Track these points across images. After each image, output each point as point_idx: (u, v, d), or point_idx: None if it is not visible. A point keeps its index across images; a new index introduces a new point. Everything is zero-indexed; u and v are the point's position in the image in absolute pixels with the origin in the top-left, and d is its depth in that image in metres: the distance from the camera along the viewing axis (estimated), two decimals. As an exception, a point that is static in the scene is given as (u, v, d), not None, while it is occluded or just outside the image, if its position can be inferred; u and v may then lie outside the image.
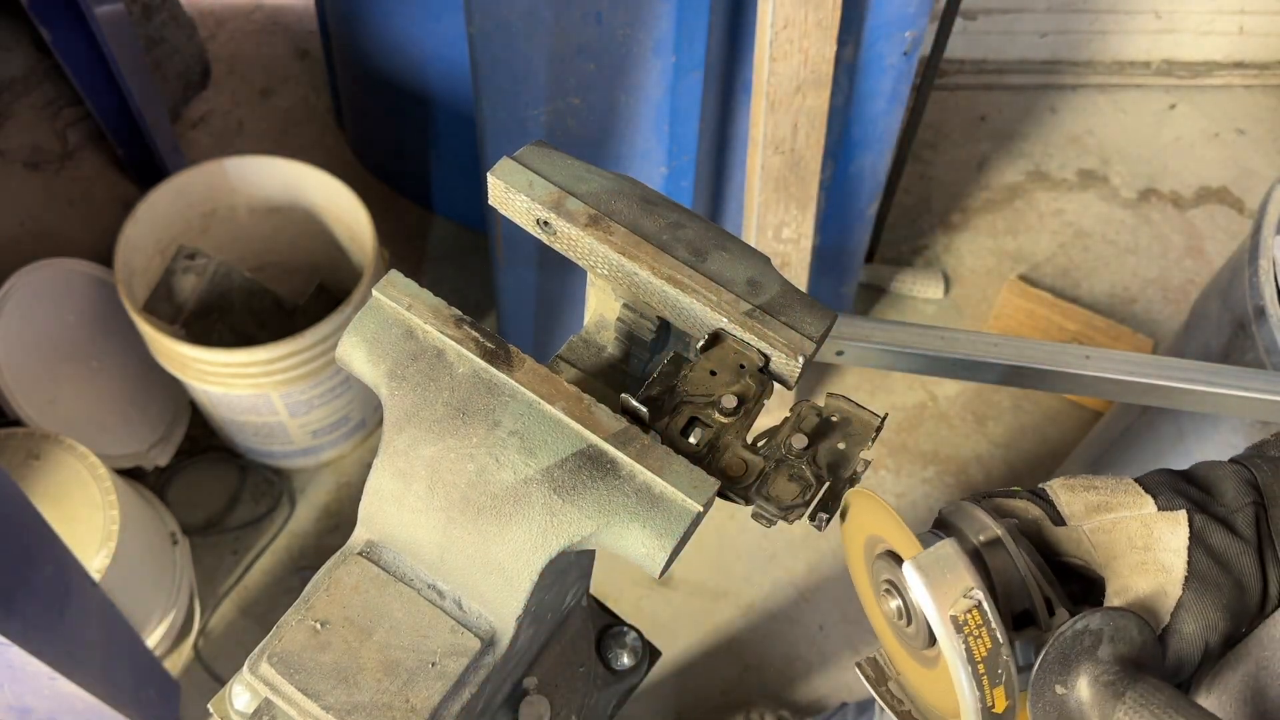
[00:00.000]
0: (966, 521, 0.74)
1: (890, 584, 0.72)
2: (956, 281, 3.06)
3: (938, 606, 0.68)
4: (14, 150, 2.64)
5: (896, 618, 0.73)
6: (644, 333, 0.85)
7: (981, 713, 0.68)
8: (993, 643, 0.68)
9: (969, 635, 0.67)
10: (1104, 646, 0.69)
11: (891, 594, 0.73)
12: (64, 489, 2.06)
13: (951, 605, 0.67)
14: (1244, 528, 0.75)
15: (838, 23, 1.79)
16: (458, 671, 0.72)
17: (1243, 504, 0.76)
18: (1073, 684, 0.68)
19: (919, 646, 0.72)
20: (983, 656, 0.67)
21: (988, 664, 0.67)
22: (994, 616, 0.68)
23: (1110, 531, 0.76)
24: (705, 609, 2.51)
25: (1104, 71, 3.48)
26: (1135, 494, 0.77)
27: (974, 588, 0.68)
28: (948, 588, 0.68)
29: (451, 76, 2.53)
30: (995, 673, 0.68)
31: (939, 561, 0.69)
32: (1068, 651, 0.69)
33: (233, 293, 2.53)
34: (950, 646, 0.67)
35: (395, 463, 0.73)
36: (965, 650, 0.67)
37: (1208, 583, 0.72)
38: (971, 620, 0.68)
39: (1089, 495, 0.78)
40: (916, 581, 0.69)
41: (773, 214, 2.09)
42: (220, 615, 2.46)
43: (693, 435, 0.76)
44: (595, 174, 0.84)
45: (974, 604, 0.68)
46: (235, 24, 3.40)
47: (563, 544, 0.70)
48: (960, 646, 0.67)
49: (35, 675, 1.50)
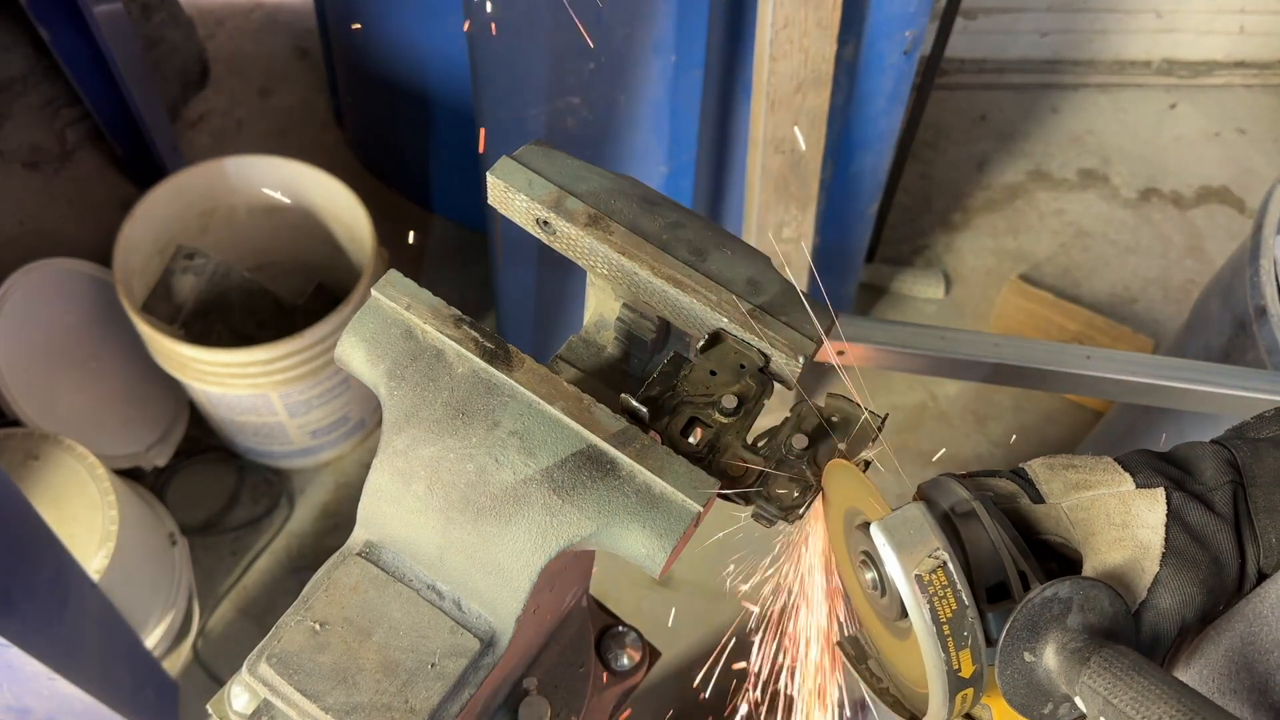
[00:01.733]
0: (942, 493, 0.74)
1: (867, 555, 0.72)
2: (957, 281, 3.06)
3: (902, 565, 0.67)
4: (13, 150, 2.64)
5: (871, 588, 0.72)
6: (644, 333, 0.85)
7: (947, 675, 0.67)
8: (958, 604, 0.67)
9: (934, 595, 0.67)
10: (1073, 615, 0.68)
11: (867, 565, 0.72)
12: (63, 489, 2.05)
13: (916, 565, 0.67)
14: (1222, 506, 0.74)
15: (838, 22, 1.78)
16: (457, 672, 0.72)
17: (1221, 482, 0.75)
18: (1040, 651, 0.68)
19: (893, 618, 0.71)
20: (948, 618, 0.66)
21: (953, 625, 0.66)
22: (959, 578, 0.67)
23: (1088, 509, 0.76)
24: (705, 609, 2.50)
25: (1104, 71, 3.47)
26: (1114, 472, 0.77)
27: (939, 548, 0.67)
28: (914, 548, 0.67)
29: (451, 76, 2.53)
30: (961, 635, 0.67)
31: (905, 523, 0.68)
32: (1036, 619, 0.68)
33: (231, 293, 2.53)
34: (914, 606, 0.67)
35: (394, 463, 0.72)
36: (930, 610, 0.66)
37: (1185, 559, 0.72)
38: (936, 580, 0.67)
39: (1068, 474, 0.78)
40: (882, 541, 0.68)
41: (773, 214, 2.09)
42: (219, 616, 2.46)
43: (693, 435, 0.76)
44: (595, 174, 0.83)
45: (939, 564, 0.67)
46: (234, 23, 3.40)
47: (562, 544, 0.70)
48: (925, 606, 0.66)
49: (34, 675, 1.49)
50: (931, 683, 0.68)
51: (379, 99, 2.80)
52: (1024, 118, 3.39)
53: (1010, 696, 0.68)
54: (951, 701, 0.68)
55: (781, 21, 1.75)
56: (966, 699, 0.69)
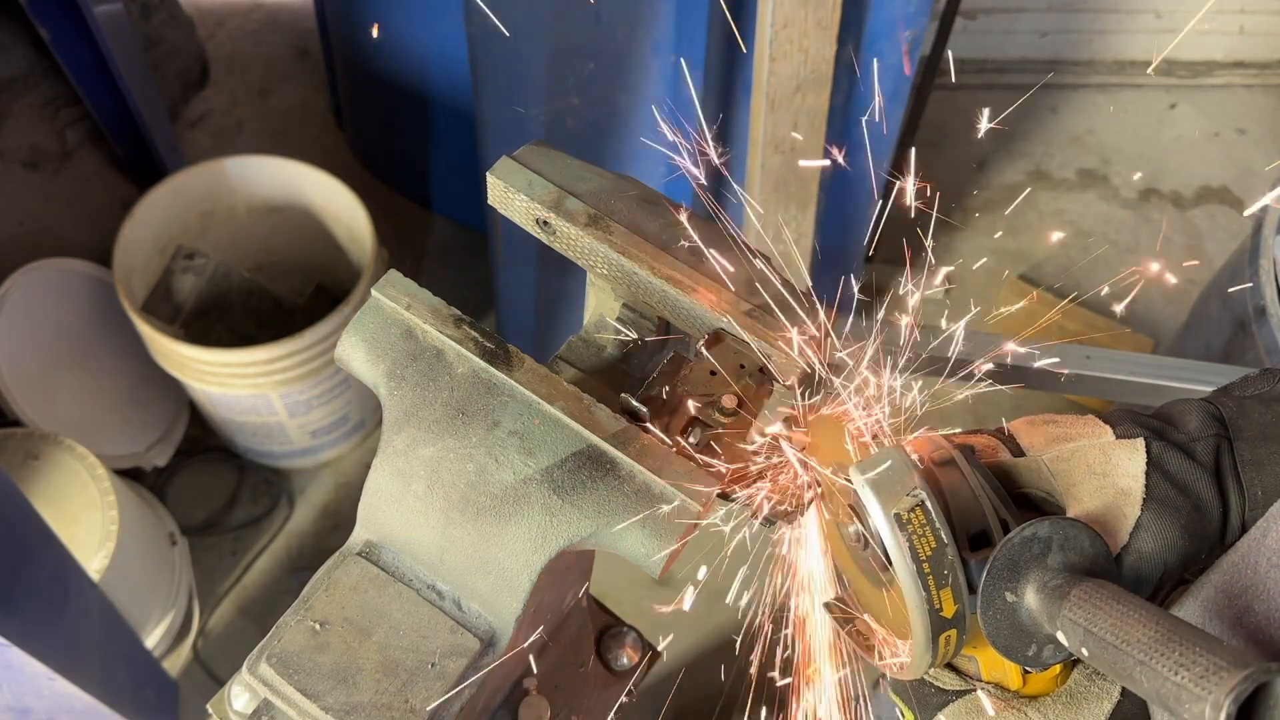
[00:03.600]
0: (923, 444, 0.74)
1: (851, 509, 0.72)
2: (957, 281, 3.06)
3: (880, 504, 0.67)
4: (13, 150, 2.64)
5: (854, 540, 0.72)
6: (644, 333, 0.85)
7: (929, 614, 0.67)
8: (937, 543, 0.67)
9: (913, 534, 0.66)
10: (1054, 554, 0.68)
11: (852, 519, 0.72)
12: (63, 489, 2.05)
13: (895, 504, 0.67)
14: (1203, 455, 0.75)
15: (838, 22, 1.78)
16: (457, 672, 0.72)
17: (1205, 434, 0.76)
18: (1022, 591, 0.68)
19: (878, 568, 0.71)
20: (927, 555, 0.66)
21: (933, 564, 0.66)
22: (938, 517, 0.67)
23: (1069, 460, 0.76)
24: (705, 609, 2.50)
25: (1104, 71, 3.47)
26: (1094, 425, 0.77)
27: (916, 488, 0.67)
28: (891, 487, 0.67)
29: (451, 76, 2.53)
30: (941, 573, 0.66)
31: (882, 463, 0.69)
32: (1016, 558, 0.68)
33: (231, 293, 2.53)
34: (893, 544, 0.66)
35: (394, 463, 0.72)
36: (909, 548, 0.66)
37: (1166, 504, 0.72)
38: (915, 519, 0.67)
39: (1048, 428, 0.79)
40: (860, 482, 0.68)
41: (773, 214, 2.09)
42: (219, 615, 2.46)
43: (693, 435, 0.76)
44: (595, 174, 0.83)
45: (916, 502, 0.67)
46: (234, 23, 3.40)
47: (562, 544, 0.70)
48: (904, 543, 0.66)
49: (34, 675, 1.49)
50: (914, 622, 0.68)
51: (379, 99, 2.80)
52: (1023, 118, 3.39)
53: (994, 638, 0.68)
54: (935, 643, 0.68)
55: (781, 22, 1.75)
56: (950, 642, 0.69)
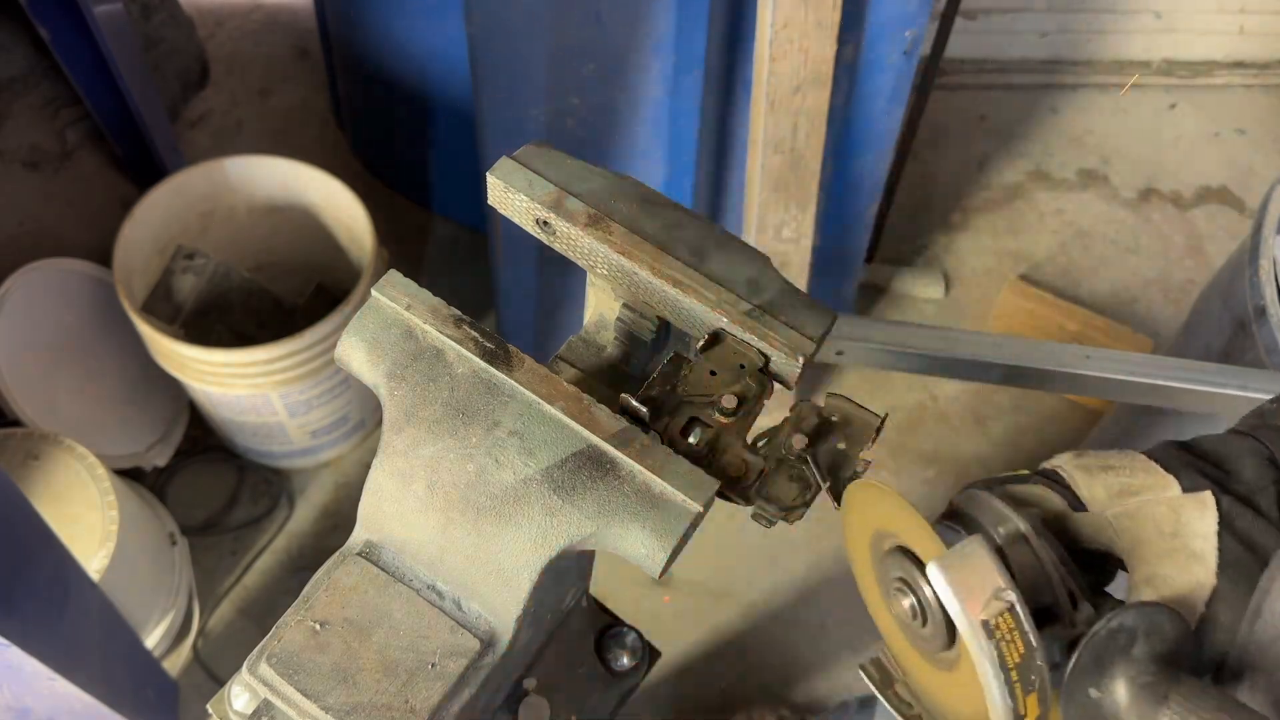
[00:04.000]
0: (984, 513, 0.71)
1: (903, 582, 0.68)
2: (956, 281, 3.06)
3: (967, 611, 0.63)
4: (13, 150, 2.64)
5: (911, 618, 0.69)
6: (644, 333, 0.85)
7: None
8: (1026, 648, 0.64)
9: (1001, 640, 0.63)
10: (1139, 645, 0.65)
11: (904, 592, 0.69)
12: (63, 489, 2.05)
13: (982, 609, 0.63)
14: (1268, 508, 0.71)
15: (838, 22, 1.78)
16: (457, 672, 0.72)
17: (1266, 483, 0.72)
18: (1108, 687, 0.65)
19: (935, 649, 0.68)
20: (1015, 663, 0.63)
21: (1020, 671, 0.63)
22: (1028, 621, 0.64)
23: (1134, 516, 0.72)
24: (705, 609, 2.50)
25: (1104, 71, 3.47)
26: (1157, 474, 0.74)
27: (1005, 589, 0.64)
28: (977, 590, 0.64)
29: (451, 76, 2.53)
30: (1029, 679, 0.64)
31: (966, 561, 0.64)
32: (1102, 653, 0.65)
33: (232, 293, 2.53)
34: (983, 653, 0.63)
35: (394, 463, 0.73)
36: (998, 656, 0.63)
37: (1241, 569, 0.69)
38: (1004, 624, 0.63)
39: (1108, 477, 0.75)
40: (943, 584, 0.64)
41: (773, 214, 2.09)
42: (219, 616, 2.46)
43: (693, 435, 0.76)
44: (595, 174, 0.83)
45: (1006, 606, 0.63)
46: (234, 23, 3.40)
47: (562, 544, 0.70)
48: (993, 653, 0.63)
49: (34, 676, 1.49)
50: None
51: (379, 99, 2.80)
52: (1023, 118, 3.39)
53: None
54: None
55: (781, 22, 1.75)
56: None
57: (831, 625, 2.50)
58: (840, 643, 2.48)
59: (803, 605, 2.52)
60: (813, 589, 2.54)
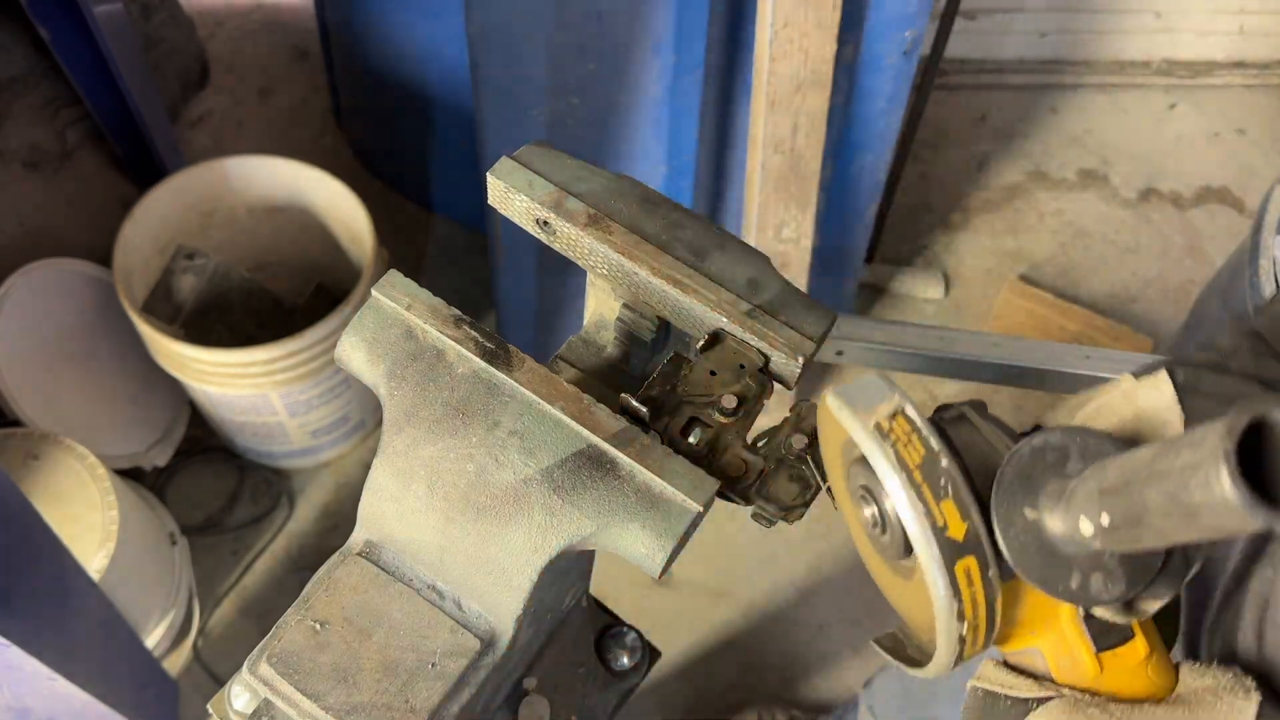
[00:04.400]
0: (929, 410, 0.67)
1: (866, 490, 0.64)
2: (956, 281, 3.06)
3: (860, 420, 0.59)
4: (13, 150, 2.64)
5: (872, 525, 0.65)
6: (644, 333, 0.85)
7: (933, 532, 0.58)
8: (926, 450, 0.58)
9: (897, 442, 0.58)
10: (1073, 463, 0.59)
11: (867, 500, 0.64)
12: (63, 489, 2.05)
13: (874, 417, 0.59)
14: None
15: (838, 22, 1.78)
16: (457, 672, 0.72)
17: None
18: (1043, 505, 0.59)
19: (895, 556, 0.64)
20: (917, 464, 0.58)
21: (925, 473, 0.58)
22: (924, 425, 0.59)
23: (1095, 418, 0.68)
24: (705, 609, 2.50)
25: (1104, 71, 3.47)
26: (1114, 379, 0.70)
27: (898, 398, 0.59)
28: (869, 401, 0.60)
29: (451, 76, 2.53)
30: (937, 483, 0.58)
31: (863, 385, 0.61)
32: (1028, 471, 0.59)
33: (232, 293, 2.53)
34: (879, 452, 0.59)
35: (394, 463, 0.73)
36: (894, 455, 0.58)
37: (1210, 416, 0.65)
38: (898, 427, 0.59)
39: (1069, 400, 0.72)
40: (838, 404, 0.61)
41: (773, 214, 2.09)
42: (219, 615, 2.46)
43: (693, 435, 0.76)
44: (595, 174, 0.83)
45: (896, 408, 0.59)
46: (234, 24, 3.40)
47: (562, 544, 0.70)
48: (889, 451, 0.58)
49: (34, 675, 1.49)
50: (918, 545, 0.59)
51: (379, 99, 2.80)
52: (1023, 118, 3.39)
53: (1023, 566, 0.60)
54: (950, 571, 0.58)
55: (781, 22, 1.76)
56: (970, 575, 0.59)
57: (832, 625, 2.50)
58: (840, 642, 2.48)
59: (803, 605, 2.52)
60: (813, 589, 2.54)
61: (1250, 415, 0.45)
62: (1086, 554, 0.59)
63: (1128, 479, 0.53)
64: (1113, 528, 0.55)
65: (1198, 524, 0.48)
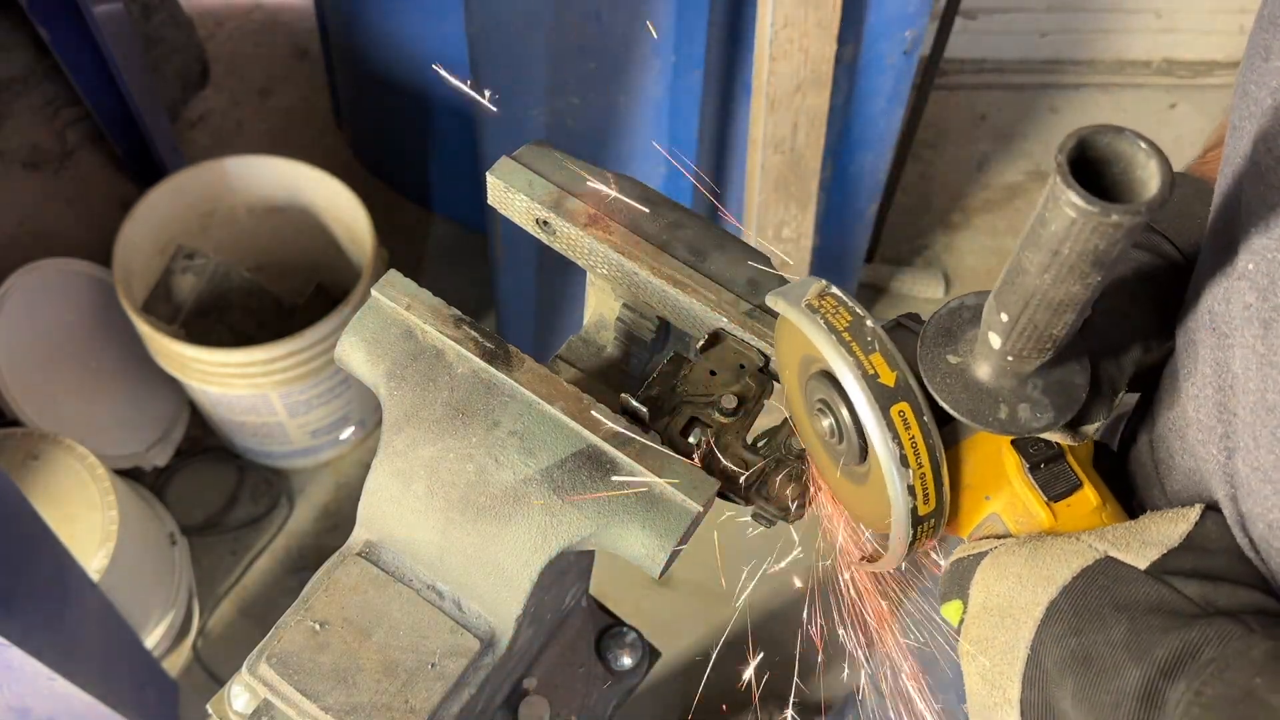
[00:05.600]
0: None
1: (824, 403, 0.68)
2: (956, 281, 3.06)
3: (792, 303, 0.65)
4: (13, 150, 2.64)
5: (829, 436, 0.68)
6: (644, 333, 0.85)
7: (864, 379, 0.63)
8: (853, 317, 0.64)
9: (826, 314, 0.64)
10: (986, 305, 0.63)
11: (825, 413, 0.68)
12: (63, 489, 2.05)
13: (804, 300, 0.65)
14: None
15: (838, 22, 1.78)
16: (457, 672, 0.72)
17: None
18: (963, 351, 0.64)
19: (852, 463, 0.68)
20: (845, 326, 0.64)
21: (852, 332, 0.63)
22: (850, 298, 0.65)
23: None
24: (705, 609, 2.50)
25: (1104, 71, 3.47)
26: None
27: (828, 284, 0.65)
28: (802, 291, 0.66)
29: (451, 76, 2.53)
30: (864, 340, 0.63)
31: (797, 282, 0.67)
32: (948, 325, 0.65)
33: (231, 293, 2.53)
34: (811, 324, 0.64)
35: (394, 463, 0.72)
36: (824, 321, 0.64)
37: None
38: (826, 304, 0.65)
39: None
40: (774, 298, 0.67)
41: (773, 214, 2.09)
42: (219, 616, 2.46)
43: (693, 435, 0.76)
44: (595, 174, 0.83)
45: (823, 288, 0.65)
46: (234, 23, 3.40)
47: (562, 544, 0.70)
48: (819, 320, 0.64)
49: (34, 675, 1.49)
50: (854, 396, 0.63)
51: (379, 99, 2.80)
52: (1024, 118, 3.39)
53: (951, 403, 0.64)
54: (886, 414, 0.63)
55: (781, 21, 1.75)
56: (907, 419, 0.63)
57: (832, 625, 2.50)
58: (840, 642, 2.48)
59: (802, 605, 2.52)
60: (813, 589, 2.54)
61: (1076, 136, 0.50)
62: (1011, 388, 0.63)
63: (1009, 267, 0.57)
64: (1012, 320, 0.59)
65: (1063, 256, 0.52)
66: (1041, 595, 0.64)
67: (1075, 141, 0.50)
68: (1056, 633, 0.63)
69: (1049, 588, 0.64)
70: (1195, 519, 0.64)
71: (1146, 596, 0.61)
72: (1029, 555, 0.66)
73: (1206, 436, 0.66)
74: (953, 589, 0.71)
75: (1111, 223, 0.49)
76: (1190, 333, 0.67)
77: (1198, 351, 0.66)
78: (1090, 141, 0.51)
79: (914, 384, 0.63)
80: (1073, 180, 0.49)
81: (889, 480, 0.64)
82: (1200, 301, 0.65)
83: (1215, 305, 0.63)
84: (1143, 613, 0.60)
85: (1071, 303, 0.56)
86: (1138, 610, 0.60)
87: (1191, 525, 0.64)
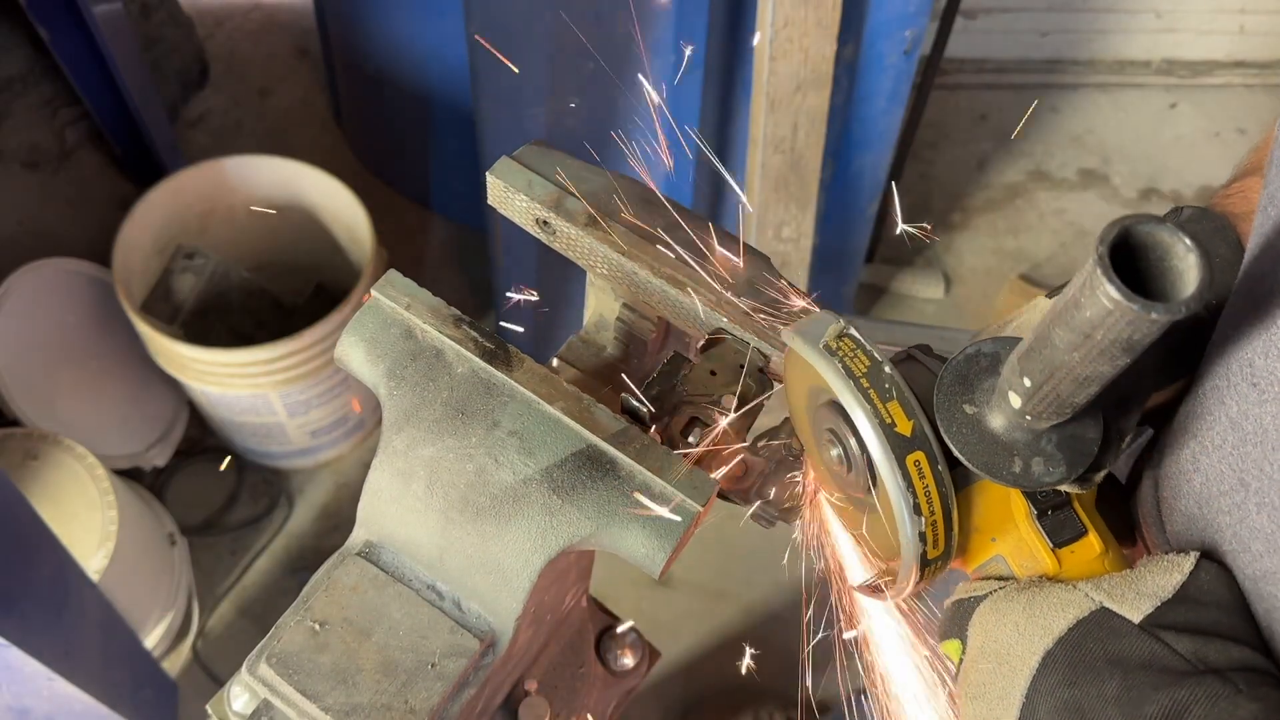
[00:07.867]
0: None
1: (832, 433, 0.68)
2: (957, 281, 3.06)
3: (809, 344, 0.65)
4: (12, 150, 2.64)
5: (838, 465, 0.69)
6: (644, 333, 0.85)
7: (881, 428, 0.63)
8: (870, 360, 0.64)
9: (844, 357, 0.64)
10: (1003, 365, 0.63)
11: (833, 442, 0.69)
12: (62, 489, 2.05)
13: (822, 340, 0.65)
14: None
15: (838, 22, 1.78)
16: (457, 672, 0.72)
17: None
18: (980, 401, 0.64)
19: (860, 491, 0.68)
20: (863, 372, 0.64)
21: (871, 378, 0.64)
22: (867, 342, 0.65)
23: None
24: (705, 609, 2.50)
25: (1105, 71, 3.47)
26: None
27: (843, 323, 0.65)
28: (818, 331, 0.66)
29: (451, 76, 2.53)
30: (882, 387, 0.64)
31: (813, 319, 0.67)
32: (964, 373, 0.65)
33: (231, 292, 2.53)
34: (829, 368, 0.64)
35: (394, 463, 0.72)
36: (842, 366, 0.64)
37: None
38: (845, 346, 0.65)
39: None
40: (790, 335, 0.67)
41: (773, 214, 2.08)
42: (219, 616, 2.46)
43: (692, 435, 0.76)
44: (595, 174, 0.83)
45: (842, 329, 0.65)
46: (233, 23, 3.40)
47: (562, 544, 0.70)
48: (837, 365, 0.64)
49: (33, 676, 1.49)
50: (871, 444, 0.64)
51: (379, 99, 2.80)
52: (1024, 117, 3.39)
53: (966, 454, 0.64)
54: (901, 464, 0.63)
55: (781, 21, 1.75)
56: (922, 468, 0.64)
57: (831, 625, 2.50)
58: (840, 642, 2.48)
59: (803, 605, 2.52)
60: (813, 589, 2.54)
61: (1118, 226, 0.50)
62: (1025, 441, 0.64)
63: (1037, 336, 0.57)
64: (1035, 387, 0.59)
65: (1095, 341, 0.52)
66: (1038, 644, 0.65)
67: (1117, 231, 0.50)
68: (1051, 683, 0.64)
69: (1045, 637, 0.65)
70: (1189, 569, 0.65)
71: (1139, 652, 0.62)
72: (1027, 603, 0.67)
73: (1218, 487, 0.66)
74: (952, 629, 0.72)
75: (1150, 320, 0.49)
76: (1216, 378, 0.67)
77: (1223, 400, 0.65)
78: (1132, 231, 0.51)
79: (929, 433, 0.64)
80: (1113, 274, 0.49)
81: (901, 527, 0.64)
82: (1236, 351, 0.64)
83: (1255, 359, 0.62)
84: (1135, 668, 0.61)
85: (1097, 379, 0.56)
86: (1130, 666, 0.61)
87: (1185, 576, 0.65)
